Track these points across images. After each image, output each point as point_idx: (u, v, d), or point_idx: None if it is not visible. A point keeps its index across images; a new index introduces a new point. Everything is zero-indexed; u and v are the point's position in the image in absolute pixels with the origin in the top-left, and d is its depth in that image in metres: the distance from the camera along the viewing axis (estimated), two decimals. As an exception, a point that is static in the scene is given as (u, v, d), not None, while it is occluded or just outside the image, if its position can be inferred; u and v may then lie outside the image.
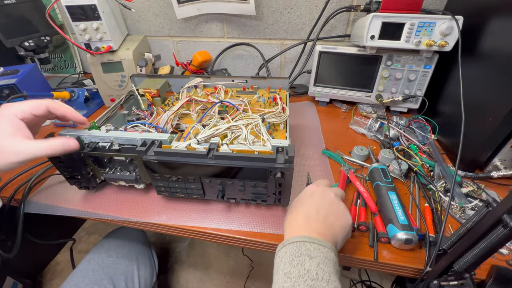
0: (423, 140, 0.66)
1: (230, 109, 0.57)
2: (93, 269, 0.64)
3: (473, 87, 0.57)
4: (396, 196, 0.48)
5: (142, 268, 0.71)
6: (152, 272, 0.75)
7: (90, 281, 0.61)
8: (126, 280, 0.65)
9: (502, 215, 0.27)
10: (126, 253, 0.71)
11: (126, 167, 0.50)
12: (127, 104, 0.63)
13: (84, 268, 0.65)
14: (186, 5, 0.88)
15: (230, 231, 0.48)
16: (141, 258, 0.73)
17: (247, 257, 1.23)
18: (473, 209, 0.48)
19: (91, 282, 0.61)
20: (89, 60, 0.82)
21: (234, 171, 0.43)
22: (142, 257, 0.73)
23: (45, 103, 0.41)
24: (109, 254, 0.69)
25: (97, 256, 0.68)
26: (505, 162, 0.54)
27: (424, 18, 0.60)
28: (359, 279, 1.07)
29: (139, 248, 0.75)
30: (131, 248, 0.73)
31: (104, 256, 0.68)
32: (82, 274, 0.63)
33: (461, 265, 0.33)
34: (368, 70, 0.75)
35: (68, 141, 0.42)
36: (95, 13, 0.74)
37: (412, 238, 0.41)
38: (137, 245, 0.76)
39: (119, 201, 0.54)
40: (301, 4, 0.84)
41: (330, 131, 0.73)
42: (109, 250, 0.70)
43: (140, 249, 0.75)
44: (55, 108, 0.42)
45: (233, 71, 1.05)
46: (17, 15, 0.88)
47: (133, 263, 0.69)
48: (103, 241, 0.74)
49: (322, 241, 0.35)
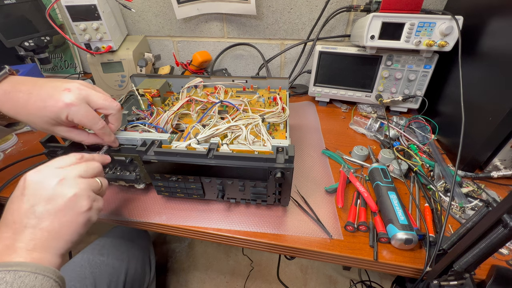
0: (423, 140, 0.66)
1: (230, 109, 0.57)
2: (81, 265, 0.63)
3: (473, 87, 0.57)
4: (396, 196, 0.48)
5: (130, 273, 0.69)
6: (142, 277, 0.73)
7: (74, 276, 0.60)
8: (109, 283, 0.63)
9: (502, 215, 0.27)
10: (118, 255, 0.69)
11: (126, 167, 0.50)
12: (127, 104, 0.63)
13: (75, 261, 0.64)
14: (186, 5, 0.88)
15: (230, 231, 0.48)
16: (133, 262, 0.71)
17: (247, 257, 1.23)
18: (473, 209, 0.48)
19: (74, 278, 0.60)
20: (89, 60, 0.82)
21: (234, 171, 0.43)
22: (134, 261, 0.71)
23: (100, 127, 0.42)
24: (101, 253, 0.67)
25: (90, 252, 0.67)
26: (505, 162, 0.54)
27: (424, 18, 0.60)
28: (359, 279, 1.07)
29: (135, 251, 0.74)
30: (126, 250, 0.71)
31: (96, 254, 0.66)
32: (70, 267, 0.62)
33: (461, 265, 0.33)
34: (368, 70, 0.75)
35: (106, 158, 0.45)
36: (95, 13, 0.74)
37: (412, 238, 0.41)
38: (134, 247, 0.74)
39: (119, 201, 0.54)
40: (301, 4, 0.84)
41: (330, 131, 0.73)
42: (103, 248, 0.69)
43: (136, 251, 0.74)
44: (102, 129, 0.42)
45: (233, 71, 1.05)
46: (17, 15, 0.88)
47: (122, 266, 0.67)
48: (101, 238, 0.73)
49: (31, 265, 0.29)
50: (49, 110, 0.38)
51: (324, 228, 0.46)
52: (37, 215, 0.32)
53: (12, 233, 0.31)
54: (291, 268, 1.19)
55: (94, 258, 0.65)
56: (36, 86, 0.39)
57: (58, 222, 0.33)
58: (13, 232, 0.31)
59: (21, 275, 0.28)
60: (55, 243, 0.33)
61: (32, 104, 0.38)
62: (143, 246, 0.78)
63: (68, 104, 0.38)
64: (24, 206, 0.32)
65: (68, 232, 0.33)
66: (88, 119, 0.40)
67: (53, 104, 0.38)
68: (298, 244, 0.45)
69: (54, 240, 0.32)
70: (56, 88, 0.39)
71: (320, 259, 0.45)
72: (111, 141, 0.45)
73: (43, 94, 0.38)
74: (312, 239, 0.45)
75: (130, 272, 0.69)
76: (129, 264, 0.69)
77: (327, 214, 0.49)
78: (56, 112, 0.38)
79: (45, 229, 0.32)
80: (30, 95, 0.38)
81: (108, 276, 0.64)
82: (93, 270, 0.63)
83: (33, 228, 0.32)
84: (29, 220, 0.32)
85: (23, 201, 0.32)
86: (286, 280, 1.12)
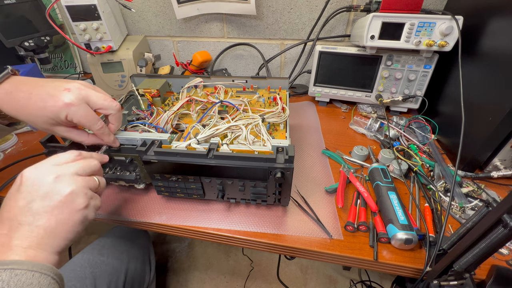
0: (423, 140, 0.66)
1: (230, 109, 0.57)
2: (81, 265, 0.63)
3: (473, 87, 0.57)
4: (396, 196, 0.48)
5: (130, 273, 0.69)
6: (142, 277, 0.73)
7: (74, 276, 0.60)
8: (109, 283, 0.63)
9: (502, 215, 0.27)
10: (118, 255, 0.69)
11: (126, 167, 0.50)
12: (127, 104, 0.63)
13: (75, 261, 0.64)
14: (186, 5, 0.88)
15: (230, 231, 0.48)
16: (133, 262, 0.71)
17: (247, 257, 1.23)
18: (473, 209, 0.48)
19: (74, 278, 0.60)
20: (89, 60, 0.82)
21: (234, 171, 0.43)
22: (134, 261, 0.71)
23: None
24: (101, 253, 0.67)
25: (90, 252, 0.67)
26: (505, 162, 0.54)
27: (424, 18, 0.60)
28: (359, 279, 1.07)
29: (135, 251, 0.74)
30: (126, 250, 0.72)
31: (96, 254, 0.66)
32: (70, 267, 0.62)
33: (461, 265, 0.33)
34: (368, 70, 0.75)
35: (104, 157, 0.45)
36: (95, 13, 0.74)
37: (412, 238, 0.41)
38: (134, 247, 0.74)
39: (119, 201, 0.54)
40: (301, 4, 0.84)
41: (330, 131, 0.73)
42: (103, 248, 0.69)
43: (136, 251, 0.74)
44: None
45: (233, 71, 1.05)
46: (17, 15, 0.88)
47: (122, 266, 0.68)
48: (101, 238, 0.73)
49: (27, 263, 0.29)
50: (49, 110, 0.38)
51: (324, 228, 0.46)
52: (33, 212, 0.32)
53: (8, 230, 0.31)
54: (291, 268, 1.19)
55: (94, 258, 0.65)
56: (37, 86, 0.39)
57: (55, 220, 0.32)
58: (9, 229, 0.31)
59: (17, 273, 0.28)
60: (51, 241, 0.32)
61: (32, 104, 0.38)
62: (143, 246, 0.78)
63: (68, 104, 0.38)
64: (20, 203, 0.32)
65: (64, 229, 0.33)
66: (87, 119, 0.40)
67: (52, 104, 0.38)
68: (298, 244, 0.45)
69: (50, 237, 0.32)
70: (56, 88, 0.39)
71: (320, 259, 0.45)
72: (110, 141, 0.45)
73: (43, 94, 0.38)
74: (312, 239, 0.45)
75: (130, 272, 0.69)
76: (129, 264, 0.69)
77: (327, 214, 0.49)
78: (55, 112, 0.38)
79: (41, 226, 0.32)
80: (30, 95, 0.38)
81: (108, 276, 0.64)
82: (93, 270, 0.63)
83: (29, 225, 0.31)
84: (25, 218, 0.32)
85: (19, 198, 0.32)
86: (286, 280, 1.12)
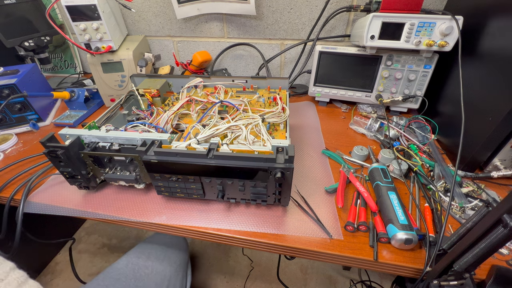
0: (423, 140, 0.66)
1: (230, 109, 0.57)
2: (126, 275, 0.64)
3: (473, 87, 0.57)
4: (396, 196, 0.48)
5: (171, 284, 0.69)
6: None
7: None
8: None
9: (502, 215, 0.27)
10: (161, 270, 0.69)
11: (126, 167, 0.50)
12: (127, 104, 0.63)
13: (120, 268, 0.65)
14: (186, 5, 0.88)
15: (230, 231, 0.48)
16: (173, 279, 0.70)
17: (247, 257, 1.23)
18: (473, 209, 0.48)
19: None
20: (89, 60, 0.82)
21: (234, 171, 0.43)
22: (174, 278, 0.71)
23: None
24: (146, 265, 0.67)
25: (135, 260, 0.67)
26: (505, 162, 0.54)
27: (424, 18, 0.60)
28: (359, 279, 1.07)
29: (177, 266, 0.73)
30: (168, 265, 0.71)
31: (142, 265, 0.67)
32: (115, 276, 0.63)
33: (461, 265, 0.33)
34: (368, 70, 0.75)
35: None
36: (95, 13, 0.74)
37: (412, 238, 0.41)
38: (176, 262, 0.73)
39: (119, 201, 0.54)
40: (301, 4, 0.84)
41: (330, 131, 0.73)
42: (148, 259, 0.69)
43: (177, 267, 0.73)
44: None
45: (233, 71, 1.05)
46: (17, 15, 0.88)
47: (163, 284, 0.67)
48: (146, 245, 0.72)
49: None
50: None
51: (324, 228, 0.47)
52: None
53: None
54: (291, 268, 1.19)
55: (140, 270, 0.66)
56: None
57: None
58: None
59: None
60: None
61: None
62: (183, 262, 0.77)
63: None
64: None
65: None
66: None
67: None
68: (298, 244, 0.45)
69: None
70: None
71: (320, 259, 0.45)
72: None
73: None
74: (312, 239, 0.45)
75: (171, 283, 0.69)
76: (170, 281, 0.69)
77: (327, 214, 0.49)
78: None
79: None
80: None
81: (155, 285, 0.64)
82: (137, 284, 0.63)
83: None
84: None
85: None
86: (286, 280, 1.12)
